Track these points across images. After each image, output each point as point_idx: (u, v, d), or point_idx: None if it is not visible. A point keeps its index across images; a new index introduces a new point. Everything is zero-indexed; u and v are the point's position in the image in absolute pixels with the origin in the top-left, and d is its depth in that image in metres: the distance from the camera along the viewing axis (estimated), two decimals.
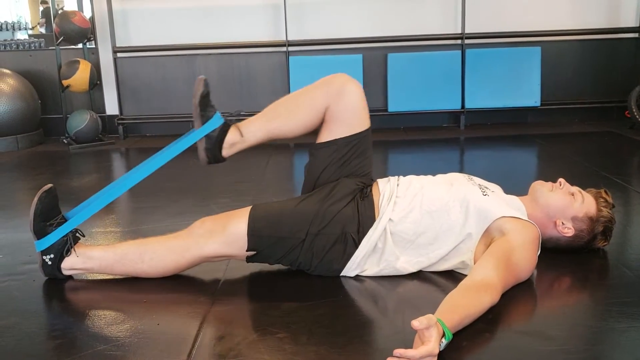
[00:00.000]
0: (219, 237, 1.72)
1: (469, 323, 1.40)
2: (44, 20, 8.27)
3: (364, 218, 1.72)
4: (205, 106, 1.78)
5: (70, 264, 1.77)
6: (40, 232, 1.74)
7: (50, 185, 1.77)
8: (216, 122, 1.77)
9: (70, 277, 1.82)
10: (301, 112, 1.83)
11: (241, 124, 1.82)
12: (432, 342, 1.21)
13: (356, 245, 1.71)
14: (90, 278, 1.84)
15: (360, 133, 1.82)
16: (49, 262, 1.76)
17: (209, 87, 1.79)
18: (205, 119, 1.77)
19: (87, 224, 2.22)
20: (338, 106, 1.80)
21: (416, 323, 1.21)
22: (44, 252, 1.75)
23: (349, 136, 1.81)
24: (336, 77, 1.89)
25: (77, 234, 1.80)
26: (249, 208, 1.76)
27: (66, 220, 1.77)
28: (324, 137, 1.84)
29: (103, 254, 1.77)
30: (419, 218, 1.71)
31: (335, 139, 1.81)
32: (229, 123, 1.81)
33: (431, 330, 1.22)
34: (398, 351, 1.20)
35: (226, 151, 1.80)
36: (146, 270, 1.76)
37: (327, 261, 1.71)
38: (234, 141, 1.79)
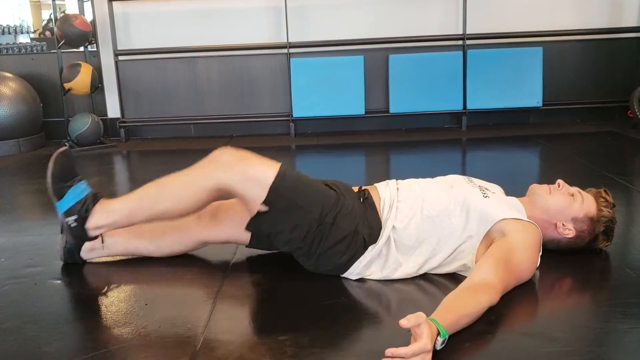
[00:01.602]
0: (239, 173, 1.65)
1: (469, 323, 1.39)
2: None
3: (372, 222, 1.73)
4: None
5: (95, 222, 1.74)
6: (59, 192, 1.73)
7: (65, 147, 1.77)
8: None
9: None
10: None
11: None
12: (423, 339, 1.21)
13: (364, 247, 1.70)
14: (90, 283, 1.84)
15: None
16: (74, 224, 1.74)
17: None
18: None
19: None
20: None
21: (404, 321, 1.21)
22: (67, 214, 1.74)
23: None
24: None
25: (96, 194, 1.78)
26: (277, 163, 1.70)
27: (84, 180, 1.77)
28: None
29: (123, 203, 1.75)
30: (421, 224, 1.71)
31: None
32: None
33: (422, 327, 1.22)
34: (390, 350, 1.20)
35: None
36: (168, 208, 1.71)
37: (332, 254, 1.69)
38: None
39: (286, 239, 1.71)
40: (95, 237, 1.79)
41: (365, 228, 1.71)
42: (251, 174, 1.65)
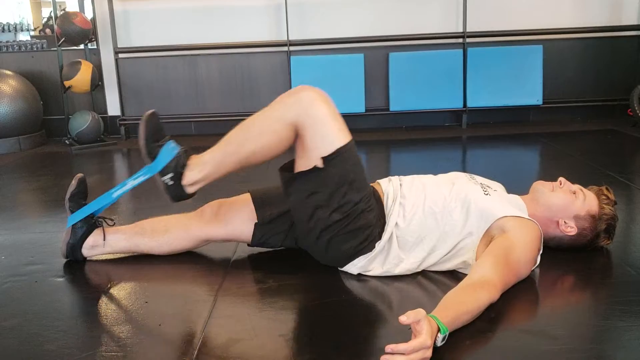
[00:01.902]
0: (318, 118, 1.63)
1: (469, 320, 1.40)
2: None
3: (381, 219, 1.73)
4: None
5: (190, 178, 1.73)
6: (153, 152, 1.74)
7: (152, 110, 1.77)
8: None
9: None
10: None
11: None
12: (423, 335, 1.21)
13: (375, 242, 1.71)
14: (91, 280, 1.85)
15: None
16: (171, 182, 1.73)
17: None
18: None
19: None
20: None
21: (404, 318, 1.21)
22: (162, 173, 1.73)
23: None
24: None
25: (187, 151, 1.77)
26: (350, 135, 1.71)
27: (172, 139, 1.77)
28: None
29: (212, 152, 1.74)
30: (423, 220, 1.72)
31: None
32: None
33: (421, 324, 1.22)
34: (389, 347, 1.20)
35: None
36: (254, 148, 1.68)
37: (347, 239, 1.69)
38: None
39: (317, 204, 1.68)
40: (193, 195, 1.78)
41: (379, 224, 1.72)
42: (326, 127, 1.64)
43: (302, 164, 1.69)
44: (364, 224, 1.68)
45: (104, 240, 1.91)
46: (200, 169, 1.73)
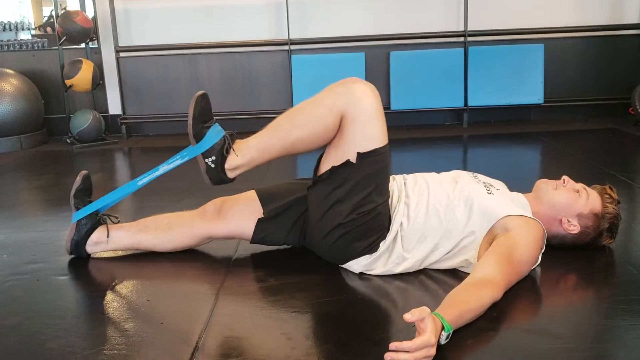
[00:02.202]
0: (367, 113, 1.63)
1: (472, 319, 1.39)
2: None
3: (388, 217, 1.74)
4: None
5: (233, 162, 1.72)
6: (199, 134, 1.72)
7: (203, 91, 1.75)
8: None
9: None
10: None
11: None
12: (427, 332, 1.21)
13: (380, 240, 1.71)
14: (92, 279, 1.85)
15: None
16: (213, 165, 1.72)
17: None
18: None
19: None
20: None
21: (408, 315, 1.21)
22: (206, 154, 1.72)
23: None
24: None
25: (232, 134, 1.76)
26: (387, 139, 1.70)
27: (217, 122, 1.76)
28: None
29: (258, 138, 1.73)
30: (426, 218, 1.72)
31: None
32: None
33: (426, 322, 1.22)
34: (394, 344, 1.20)
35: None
36: (301, 135, 1.67)
37: (354, 239, 1.69)
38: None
39: (339, 198, 1.67)
40: (233, 179, 1.76)
41: (387, 225, 1.73)
42: (370, 125, 1.64)
43: (334, 156, 1.68)
44: (377, 226, 1.69)
45: (108, 237, 1.91)
46: (244, 154, 1.72)
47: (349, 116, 1.63)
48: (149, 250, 1.96)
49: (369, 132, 1.64)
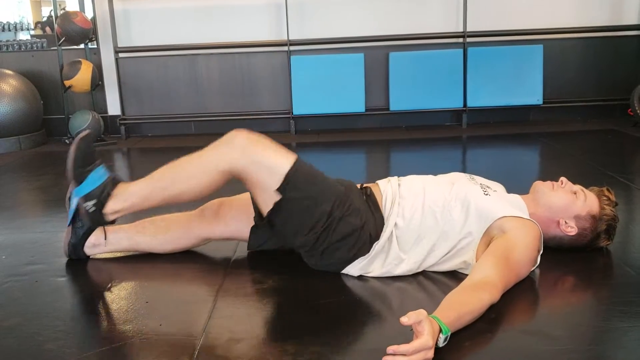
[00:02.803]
0: (256, 157, 1.65)
1: (470, 321, 1.39)
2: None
3: (377, 219, 1.73)
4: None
5: (113, 207, 1.74)
6: (79, 177, 1.73)
7: (88, 131, 1.77)
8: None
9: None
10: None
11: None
12: (424, 335, 1.21)
13: (370, 243, 1.71)
14: (91, 280, 1.85)
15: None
16: (92, 209, 1.74)
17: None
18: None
19: None
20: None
21: (405, 319, 1.21)
22: (86, 198, 1.74)
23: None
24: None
25: (115, 178, 1.78)
26: (293, 154, 1.71)
27: (103, 164, 1.77)
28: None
29: (141, 185, 1.75)
30: (423, 219, 1.71)
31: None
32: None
33: (423, 324, 1.22)
34: (391, 348, 1.20)
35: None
36: (184, 190, 1.71)
37: (337, 249, 1.69)
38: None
39: (294, 230, 1.71)
40: (113, 222, 1.79)
41: (371, 224, 1.71)
42: (266, 161, 1.65)
43: (263, 204, 1.72)
44: (348, 230, 1.68)
45: (105, 239, 1.91)
46: (124, 199, 1.74)
47: (242, 169, 1.66)
48: (147, 252, 1.96)
49: (270, 169, 1.65)
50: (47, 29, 7.65)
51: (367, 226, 1.71)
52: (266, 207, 1.71)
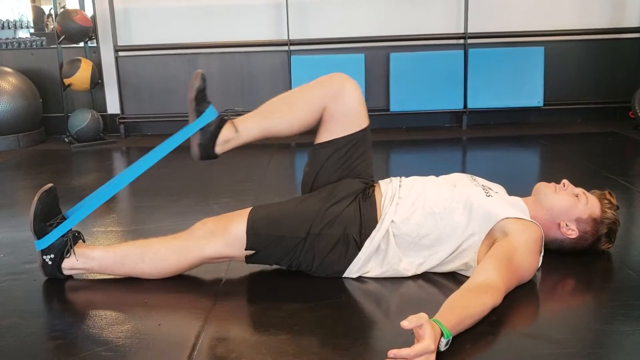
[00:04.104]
0: (219, 238, 1.71)
1: (472, 324, 1.39)
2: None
3: (366, 219, 1.71)
4: (201, 101, 1.76)
5: (70, 264, 1.76)
6: (40, 231, 1.73)
7: (50, 184, 1.76)
8: (210, 115, 1.77)
9: (70, 277, 1.81)
10: (298, 111, 1.81)
11: (237, 120, 1.81)
12: (426, 339, 1.20)
13: (358, 247, 1.70)
14: (91, 278, 1.84)
15: (359, 132, 1.80)
16: (50, 262, 1.75)
17: (206, 81, 1.78)
18: (199, 113, 1.76)
19: (88, 223, 2.23)
20: (336, 107, 1.78)
21: (405, 322, 1.20)
22: (45, 252, 1.74)
23: (348, 135, 1.79)
24: (334, 76, 1.86)
25: (77, 234, 1.79)
26: (249, 209, 1.75)
27: (66, 220, 1.76)
28: (323, 137, 1.82)
29: (103, 254, 1.76)
30: (422, 219, 1.70)
31: (335, 139, 1.80)
32: (225, 118, 1.80)
33: (424, 328, 1.21)
34: (392, 352, 1.19)
35: (220, 147, 1.78)
36: (147, 271, 1.75)
37: (329, 262, 1.71)
38: (229, 137, 1.78)
39: (283, 263, 1.75)
40: (69, 277, 1.80)
41: (354, 227, 1.70)
42: (228, 238, 1.71)
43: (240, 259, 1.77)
44: (332, 243, 1.69)
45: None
46: (84, 261, 1.75)
47: (212, 256, 1.73)
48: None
49: (233, 240, 1.71)
50: (49, 20, 7.62)
51: (349, 230, 1.69)
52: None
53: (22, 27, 7.85)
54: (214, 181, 3.07)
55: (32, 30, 8.00)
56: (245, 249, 1.71)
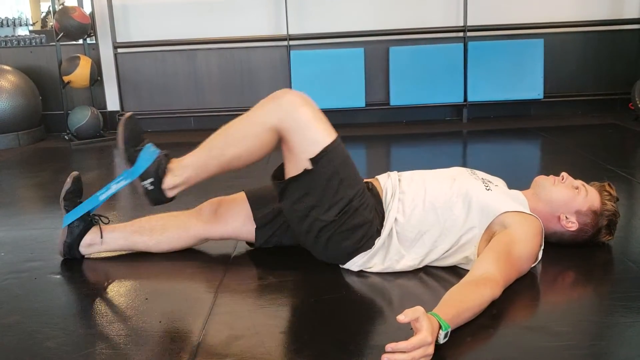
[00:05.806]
0: (301, 121, 1.62)
1: (471, 317, 1.39)
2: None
3: (380, 215, 1.73)
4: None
5: (171, 182, 1.73)
6: (132, 157, 1.72)
7: (130, 113, 1.75)
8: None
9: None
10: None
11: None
12: (423, 332, 1.20)
13: (374, 238, 1.70)
14: (91, 278, 1.84)
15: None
16: (151, 187, 1.73)
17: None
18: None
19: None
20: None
21: (401, 317, 1.20)
22: (142, 177, 1.72)
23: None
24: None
25: (168, 154, 1.77)
26: (335, 131, 1.68)
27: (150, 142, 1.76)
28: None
29: (194, 156, 1.73)
30: (423, 215, 1.70)
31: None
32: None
33: (421, 321, 1.21)
34: (390, 345, 1.19)
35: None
36: (237, 152, 1.69)
37: (342, 238, 1.68)
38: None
39: (312, 204, 1.67)
40: (173, 198, 1.77)
41: (377, 220, 1.71)
42: (310, 129, 1.63)
43: (292, 168, 1.68)
44: (360, 222, 1.67)
45: (102, 238, 1.90)
46: (181, 173, 1.73)
47: (286, 129, 1.63)
48: (143, 251, 1.95)
49: (311, 137, 1.63)
50: (49, 17, 7.60)
51: (375, 221, 1.70)
52: (292, 173, 1.67)
53: (21, 25, 7.84)
54: (213, 178, 3.05)
55: (31, 28, 8.00)
56: (311, 158, 1.61)
